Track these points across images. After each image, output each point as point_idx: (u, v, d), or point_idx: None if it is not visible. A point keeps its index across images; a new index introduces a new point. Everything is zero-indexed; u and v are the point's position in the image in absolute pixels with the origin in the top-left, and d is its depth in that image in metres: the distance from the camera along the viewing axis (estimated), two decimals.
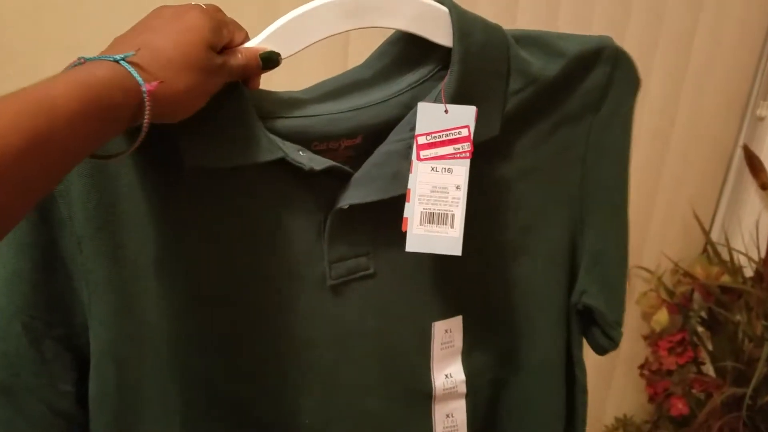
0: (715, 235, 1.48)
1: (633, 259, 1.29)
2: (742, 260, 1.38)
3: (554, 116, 0.66)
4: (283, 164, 0.56)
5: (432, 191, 0.59)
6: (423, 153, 0.60)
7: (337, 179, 0.60)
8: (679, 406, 1.40)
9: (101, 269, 0.52)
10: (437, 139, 0.60)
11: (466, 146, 0.59)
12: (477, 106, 0.60)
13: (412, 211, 0.59)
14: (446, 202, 0.59)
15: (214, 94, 0.52)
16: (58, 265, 0.52)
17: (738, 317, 1.34)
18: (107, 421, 0.54)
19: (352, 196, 0.59)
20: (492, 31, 0.62)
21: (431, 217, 0.59)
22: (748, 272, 1.37)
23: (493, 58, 0.61)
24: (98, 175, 0.51)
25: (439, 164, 0.60)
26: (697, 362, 1.43)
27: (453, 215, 0.59)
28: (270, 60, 0.55)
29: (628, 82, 0.68)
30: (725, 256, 1.40)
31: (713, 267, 1.40)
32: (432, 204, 0.59)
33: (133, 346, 0.54)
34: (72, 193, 0.50)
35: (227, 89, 0.53)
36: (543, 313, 0.71)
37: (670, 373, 1.43)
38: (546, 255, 0.69)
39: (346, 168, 0.59)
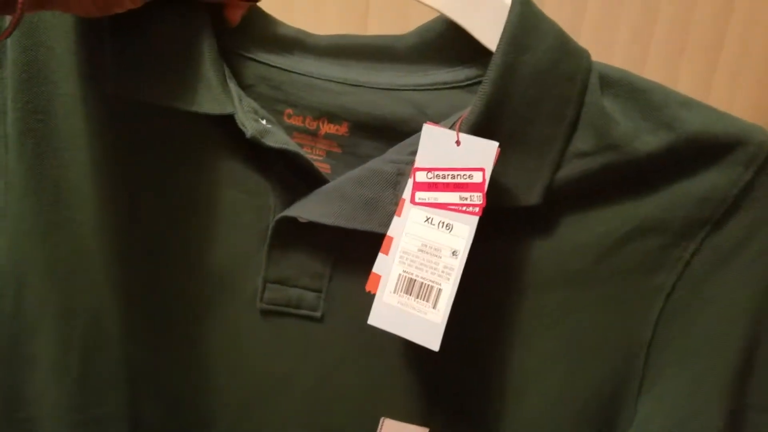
0: None
1: None
2: None
3: (637, 215, 0.44)
4: (236, 126, 0.43)
5: (420, 250, 0.42)
6: (419, 195, 0.43)
7: (304, 176, 0.45)
8: None
9: (19, 179, 0.45)
10: (440, 180, 0.42)
11: (477, 198, 0.41)
12: (513, 152, 0.42)
13: (388, 271, 0.43)
14: (435, 270, 0.42)
15: (165, 9, 0.42)
16: None
17: None
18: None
19: (308, 209, 0.44)
20: (568, 55, 0.42)
21: (410, 286, 0.42)
22: None
23: (555, 92, 0.42)
24: (35, 73, 0.44)
25: (437, 215, 0.42)
26: None
27: (440, 290, 0.42)
28: None
29: None
30: None
31: None
32: (416, 268, 0.42)
33: (38, 273, 0.46)
34: (8, 84, 0.44)
35: (184, 8, 0.42)
36: None
37: None
38: (573, 402, 0.47)
39: (312, 163, 0.44)
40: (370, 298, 0.43)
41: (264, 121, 0.44)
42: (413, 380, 0.48)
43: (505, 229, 0.44)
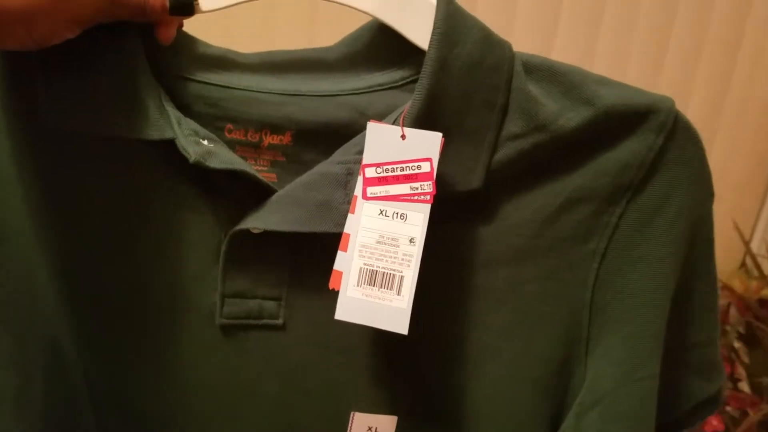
0: (755, 247, 1.40)
1: None
2: None
3: (567, 188, 0.47)
4: (178, 150, 0.43)
5: (378, 242, 0.45)
6: (371, 190, 0.45)
7: (252, 189, 0.46)
8: (714, 423, 1.27)
9: None
10: (390, 173, 0.45)
11: (427, 186, 0.44)
12: (451, 141, 0.45)
13: (349, 266, 0.44)
14: (395, 258, 0.44)
15: (93, 35, 0.41)
16: None
17: None
18: None
19: (262, 219, 0.45)
20: (493, 47, 0.46)
21: (373, 277, 0.44)
22: None
23: (485, 82, 0.45)
24: None
25: (391, 207, 0.45)
26: (734, 378, 1.31)
27: (402, 278, 0.44)
28: (180, 5, 0.43)
29: (688, 169, 0.47)
30: (766, 268, 1.31)
31: (752, 281, 1.30)
32: (376, 259, 0.44)
33: None
34: None
35: (115, 31, 0.42)
36: None
37: None
38: (528, 373, 0.50)
39: (260, 177, 0.45)
40: (331, 298, 0.44)
41: (206, 141, 0.45)
42: (377, 372, 0.49)
43: (451, 215, 0.47)
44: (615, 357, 0.48)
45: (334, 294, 0.44)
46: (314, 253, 0.46)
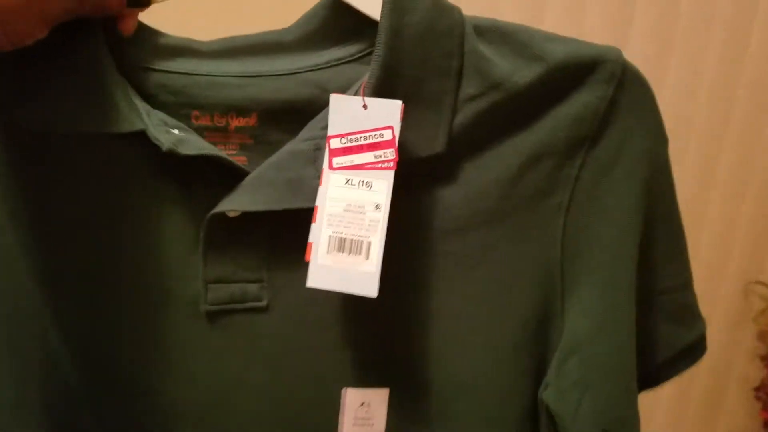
0: None
1: (752, 274, 1.28)
2: None
3: (527, 145, 0.48)
4: (149, 140, 0.44)
5: (345, 210, 0.46)
6: (336, 160, 0.46)
7: (223, 175, 0.47)
8: None
9: None
10: (354, 143, 0.46)
11: (390, 153, 0.45)
12: (412, 108, 0.46)
13: (318, 236, 0.46)
14: (362, 225, 0.45)
15: (58, 33, 0.42)
16: None
17: None
18: None
19: (236, 201, 0.46)
20: (442, 12, 0.47)
21: (341, 244, 0.45)
22: None
23: (439, 47, 0.46)
24: None
25: (356, 176, 0.46)
26: None
27: (369, 243, 0.45)
28: None
29: (641, 116, 0.49)
30: None
31: None
32: (344, 227, 0.45)
33: None
34: None
35: (78, 28, 0.43)
36: (503, 409, 0.51)
37: None
38: (507, 335, 0.50)
39: (231, 161, 0.46)
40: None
41: (176, 131, 0.46)
42: (361, 347, 0.50)
43: (417, 182, 0.48)
44: (589, 308, 0.49)
45: None
46: (291, 232, 0.47)
